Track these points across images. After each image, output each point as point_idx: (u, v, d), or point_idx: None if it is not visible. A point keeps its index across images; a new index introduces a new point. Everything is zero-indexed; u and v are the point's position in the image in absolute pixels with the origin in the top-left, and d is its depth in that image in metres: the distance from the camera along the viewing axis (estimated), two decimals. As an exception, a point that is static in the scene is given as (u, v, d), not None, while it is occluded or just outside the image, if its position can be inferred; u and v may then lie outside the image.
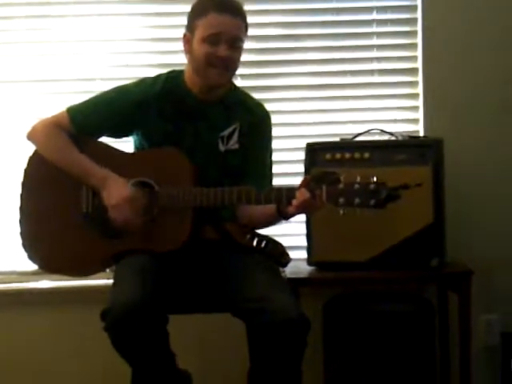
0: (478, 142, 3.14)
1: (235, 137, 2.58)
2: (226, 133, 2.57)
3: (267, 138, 2.66)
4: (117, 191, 2.46)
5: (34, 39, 3.18)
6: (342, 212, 2.28)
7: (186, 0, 2.69)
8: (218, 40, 2.44)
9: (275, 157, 2.77)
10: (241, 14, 2.49)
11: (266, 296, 2.29)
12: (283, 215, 2.42)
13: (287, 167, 3.14)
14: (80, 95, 2.78)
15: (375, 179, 2.24)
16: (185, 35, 2.52)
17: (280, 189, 2.37)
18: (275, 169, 2.75)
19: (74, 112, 2.58)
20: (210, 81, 2.50)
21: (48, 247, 2.59)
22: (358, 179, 2.25)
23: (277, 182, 2.73)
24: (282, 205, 2.38)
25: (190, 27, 2.50)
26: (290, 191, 2.34)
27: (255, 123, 2.60)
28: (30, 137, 2.61)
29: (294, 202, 2.32)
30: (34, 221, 2.61)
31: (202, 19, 2.46)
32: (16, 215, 2.63)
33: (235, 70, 2.54)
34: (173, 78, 2.58)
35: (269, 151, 2.67)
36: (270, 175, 2.67)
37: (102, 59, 3.19)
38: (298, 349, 2.29)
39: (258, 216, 2.54)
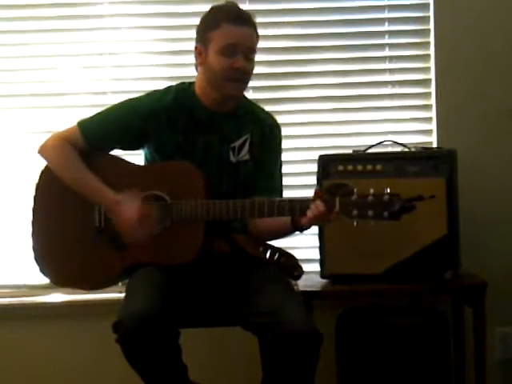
0: (491, 153, 3.13)
1: (246, 148, 2.58)
2: (236, 144, 2.57)
3: (277, 148, 2.65)
4: (127, 215, 2.45)
5: (46, 53, 3.18)
6: (355, 224, 2.26)
7: (196, 13, 2.70)
8: (234, 51, 2.44)
9: (287, 169, 2.76)
10: (253, 25, 2.50)
11: (277, 309, 2.27)
12: (297, 227, 2.41)
13: (299, 179, 3.13)
14: (91, 109, 2.78)
15: (388, 191, 2.23)
16: (196, 47, 2.52)
17: (293, 200, 2.37)
18: (287, 181, 2.74)
19: (85, 126, 2.58)
20: (225, 93, 2.49)
21: (60, 261, 2.59)
22: (372, 191, 2.24)
23: (289, 194, 2.72)
24: (296, 216, 2.37)
25: (203, 39, 2.49)
26: (303, 202, 2.33)
27: (265, 134, 2.60)
28: (41, 153, 2.61)
29: (309, 213, 2.31)
30: (45, 235, 2.61)
31: (216, 31, 2.46)
32: (28, 229, 2.63)
33: (249, 81, 2.54)
34: (183, 90, 2.57)
35: (279, 162, 2.66)
36: (281, 187, 2.66)
37: (112, 73, 3.20)
38: (311, 362, 2.28)
39: (271, 228, 2.52)
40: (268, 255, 2.56)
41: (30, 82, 3.19)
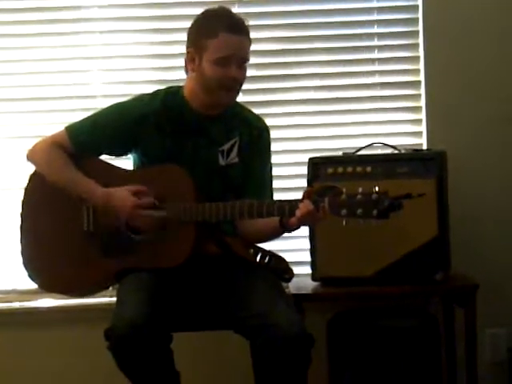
0: (481, 154, 3.13)
1: (235, 151, 2.57)
2: (225, 147, 2.56)
3: (266, 151, 2.65)
4: (122, 202, 2.45)
5: (35, 57, 3.17)
6: (344, 223, 2.26)
7: (185, 17, 2.71)
8: (229, 61, 2.44)
9: (277, 172, 2.76)
10: (248, 33, 2.50)
11: (268, 312, 2.27)
12: (286, 228, 2.41)
13: (289, 182, 3.13)
14: (81, 113, 2.78)
15: (377, 189, 2.22)
16: (188, 52, 2.50)
17: (282, 201, 2.36)
18: (277, 184, 2.74)
19: (73, 131, 2.57)
20: (219, 101, 2.50)
21: (49, 267, 2.58)
22: (360, 190, 2.23)
23: (279, 196, 2.70)
24: (285, 217, 2.37)
25: (197, 45, 2.47)
26: (292, 203, 2.33)
27: (254, 137, 2.60)
28: (30, 158, 2.61)
29: (297, 213, 2.30)
30: (34, 240, 2.61)
31: (212, 40, 2.43)
32: (17, 234, 2.62)
33: (241, 88, 2.54)
34: (172, 93, 2.57)
35: (268, 165, 2.66)
36: (271, 189, 2.65)
37: (101, 76, 3.19)
38: (302, 365, 2.28)
39: (261, 229, 2.52)
40: (258, 258, 2.56)
41: (19, 87, 3.18)
